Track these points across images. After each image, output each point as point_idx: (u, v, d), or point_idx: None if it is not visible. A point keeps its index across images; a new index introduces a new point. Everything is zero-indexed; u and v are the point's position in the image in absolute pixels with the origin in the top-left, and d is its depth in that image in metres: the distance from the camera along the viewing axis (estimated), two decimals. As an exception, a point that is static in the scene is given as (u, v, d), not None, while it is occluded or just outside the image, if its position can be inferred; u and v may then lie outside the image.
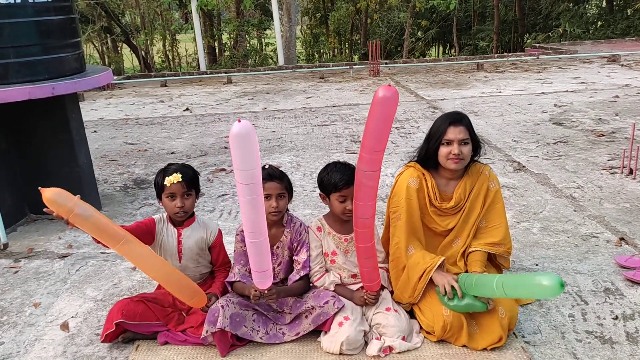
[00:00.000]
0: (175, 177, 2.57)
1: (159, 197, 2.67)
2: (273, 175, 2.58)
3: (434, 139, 2.61)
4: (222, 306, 2.49)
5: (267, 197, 2.56)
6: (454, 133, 2.56)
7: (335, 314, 2.54)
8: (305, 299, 2.64)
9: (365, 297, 2.60)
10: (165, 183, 2.58)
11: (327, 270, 2.74)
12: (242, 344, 2.57)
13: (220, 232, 2.78)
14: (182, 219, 2.70)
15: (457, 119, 2.59)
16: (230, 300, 2.55)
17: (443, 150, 2.59)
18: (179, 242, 2.69)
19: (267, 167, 2.61)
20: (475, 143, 2.64)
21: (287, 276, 2.72)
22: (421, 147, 2.72)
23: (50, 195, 2.15)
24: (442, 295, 2.48)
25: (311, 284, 2.74)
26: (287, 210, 2.75)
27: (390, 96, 2.07)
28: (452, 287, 2.47)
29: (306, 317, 2.58)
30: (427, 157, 2.68)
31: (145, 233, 2.68)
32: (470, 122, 2.63)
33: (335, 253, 2.71)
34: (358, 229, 2.38)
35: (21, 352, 2.66)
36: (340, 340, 2.45)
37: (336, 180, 2.58)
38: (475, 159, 2.70)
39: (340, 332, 2.47)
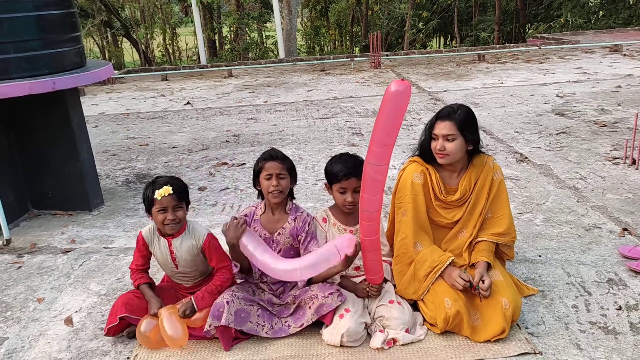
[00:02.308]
0: (166, 190, 2.50)
1: (149, 211, 2.60)
2: (274, 156, 2.61)
3: (425, 131, 2.66)
4: (227, 302, 2.49)
5: (268, 177, 2.59)
6: (439, 128, 2.57)
7: (337, 306, 2.54)
8: (310, 288, 2.63)
9: (367, 289, 2.61)
10: (155, 196, 2.50)
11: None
12: (246, 338, 2.57)
13: (209, 235, 2.68)
14: (174, 232, 2.62)
15: (446, 113, 2.57)
16: (235, 295, 2.55)
17: (433, 143, 2.62)
18: (171, 251, 2.65)
19: (270, 149, 2.67)
20: (471, 138, 2.59)
21: None
22: (419, 138, 2.74)
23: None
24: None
25: None
26: (293, 198, 2.76)
27: (403, 90, 2.07)
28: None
29: (309, 307, 2.57)
30: (425, 149, 2.69)
31: (148, 252, 2.69)
32: (466, 117, 2.57)
33: (340, 245, 2.70)
34: (364, 221, 2.38)
35: (25, 347, 2.66)
36: (341, 332, 2.45)
37: (337, 170, 2.59)
38: (481, 150, 2.69)
39: (341, 324, 2.48)
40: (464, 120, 2.56)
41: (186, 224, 2.67)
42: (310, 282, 2.66)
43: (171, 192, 2.51)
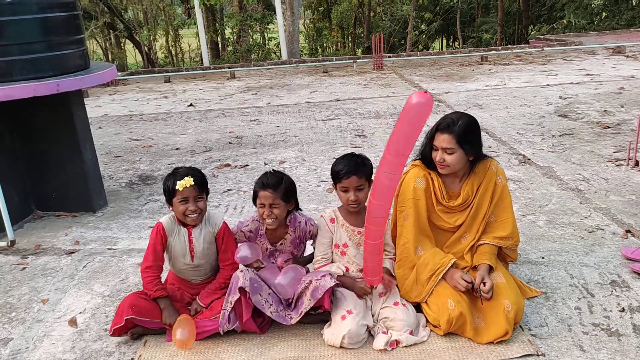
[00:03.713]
0: (188, 181, 2.53)
1: (170, 202, 2.64)
2: (266, 185, 2.60)
3: (426, 140, 2.66)
4: (242, 271, 2.56)
5: (262, 205, 2.61)
6: (438, 141, 2.57)
7: (335, 302, 2.55)
8: (304, 279, 2.65)
9: (364, 288, 2.62)
10: (177, 187, 2.54)
11: (332, 262, 2.75)
12: (255, 331, 2.58)
13: (224, 223, 2.75)
14: (195, 223, 2.66)
15: (445, 125, 2.55)
16: (249, 270, 2.62)
17: (433, 153, 2.62)
18: (190, 241, 2.68)
19: (265, 173, 2.66)
20: (471, 150, 2.57)
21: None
22: (421, 145, 2.74)
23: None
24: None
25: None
26: (299, 209, 2.79)
27: (425, 102, 2.07)
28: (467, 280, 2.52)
29: (305, 294, 2.59)
30: (426, 157, 2.70)
31: (163, 246, 2.68)
32: (466, 129, 2.53)
33: (347, 245, 2.71)
34: (370, 225, 2.39)
35: (30, 347, 2.68)
36: (342, 333, 2.46)
37: (338, 169, 2.61)
38: (485, 154, 2.69)
39: (342, 326, 2.48)
40: (463, 132, 2.53)
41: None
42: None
43: (192, 183, 2.55)
